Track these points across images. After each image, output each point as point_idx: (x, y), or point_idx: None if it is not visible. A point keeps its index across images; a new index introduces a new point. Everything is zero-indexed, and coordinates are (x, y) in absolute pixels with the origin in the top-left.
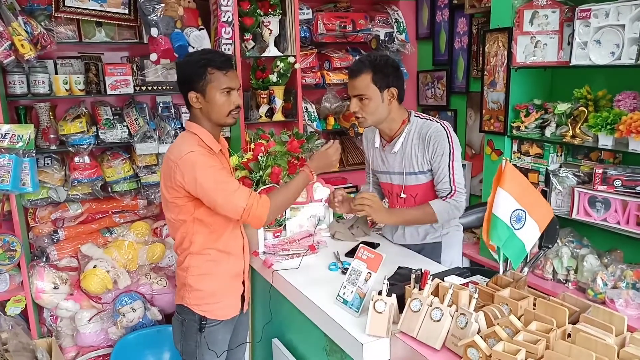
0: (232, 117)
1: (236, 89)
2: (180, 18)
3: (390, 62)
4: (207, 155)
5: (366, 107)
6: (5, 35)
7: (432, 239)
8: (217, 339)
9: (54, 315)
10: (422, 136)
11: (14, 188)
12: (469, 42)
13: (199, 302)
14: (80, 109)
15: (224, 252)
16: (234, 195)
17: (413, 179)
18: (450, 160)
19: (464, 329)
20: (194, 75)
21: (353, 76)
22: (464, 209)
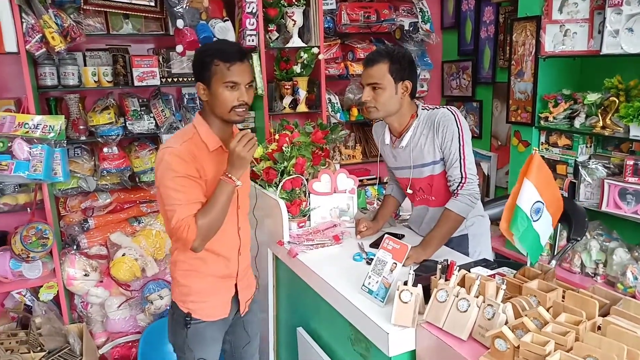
0: (236, 114)
1: (243, 84)
2: (205, 10)
3: (408, 56)
4: (180, 156)
5: (379, 96)
6: (37, 28)
7: (458, 232)
8: (205, 337)
9: (85, 302)
10: (430, 124)
11: (46, 177)
12: (496, 31)
13: (184, 298)
14: (109, 100)
15: (211, 252)
16: (175, 208)
17: (426, 170)
18: (461, 145)
19: (491, 320)
20: (201, 66)
21: (369, 64)
22: (479, 195)
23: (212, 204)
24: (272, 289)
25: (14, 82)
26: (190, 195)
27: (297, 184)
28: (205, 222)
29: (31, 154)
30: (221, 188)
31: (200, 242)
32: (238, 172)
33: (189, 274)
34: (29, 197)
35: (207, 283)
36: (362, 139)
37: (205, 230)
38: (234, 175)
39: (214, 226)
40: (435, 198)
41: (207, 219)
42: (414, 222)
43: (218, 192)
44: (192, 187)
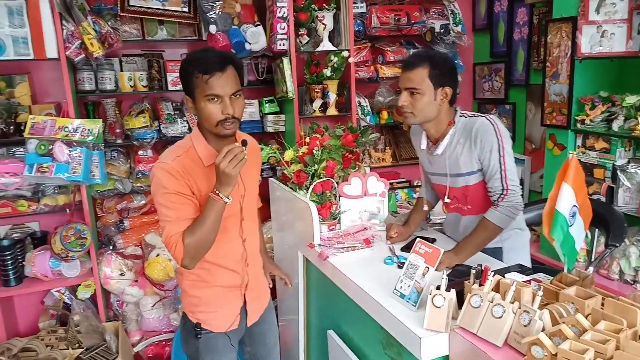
0: (223, 127)
1: (227, 96)
2: (237, 15)
3: (449, 62)
4: (171, 172)
5: (417, 102)
6: (76, 34)
7: (493, 244)
8: (217, 347)
9: (120, 301)
10: (467, 134)
11: (84, 179)
12: (530, 32)
13: (192, 308)
14: (144, 104)
15: (215, 264)
16: (165, 225)
17: (462, 180)
18: (501, 156)
19: (527, 327)
20: (184, 78)
21: (408, 68)
22: (522, 206)
23: (200, 222)
24: (302, 291)
25: (54, 87)
26: (180, 212)
27: (327, 187)
28: (193, 241)
29: (71, 157)
30: (210, 205)
31: (190, 261)
32: (226, 189)
33: (196, 284)
34: (68, 199)
35: (214, 293)
36: (391, 142)
37: (193, 248)
38: (222, 193)
39: (204, 244)
40: (470, 207)
41: (195, 237)
42: (448, 228)
43: (206, 210)
44: (183, 203)
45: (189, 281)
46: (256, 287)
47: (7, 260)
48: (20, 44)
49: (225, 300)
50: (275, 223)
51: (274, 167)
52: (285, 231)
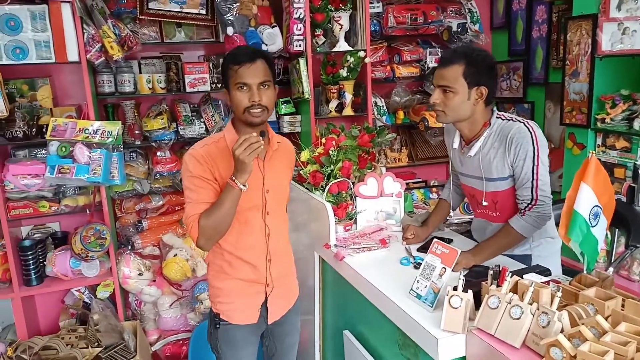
0: (249, 114)
1: (254, 85)
2: (254, 16)
3: (488, 60)
4: (198, 158)
5: (449, 100)
6: (97, 38)
7: (521, 251)
8: (235, 340)
9: (139, 300)
10: (502, 138)
11: (104, 180)
12: (549, 30)
13: (214, 299)
14: (162, 106)
15: (237, 256)
16: (187, 206)
17: (492, 185)
18: (535, 165)
19: (546, 328)
20: (223, 71)
21: (443, 65)
22: (550, 217)
23: (216, 206)
24: (318, 292)
25: (75, 89)
26: (200, 195)
27: (343, 187)
28: (208, 223)
29: (91, 158)
30: (226, 191)
31: (205, 242)
32: (242, 176)
33: (218, 276)
34: (88, 199)
35: (234, 285)
36: (408, 142)
37: (207, 230)
38: (238, 179)
39: (219, 227)
40: (499, 214)
41: (210, 220)
42: (476, 231)
43: (223, 195)
44: (203, 187)
45: (213, 272)
46: (281, 286)
47: (28, 260)
48: (43, 47)
49: (245, 293)
50: (291, 223)
51: None
52: (301, 231)
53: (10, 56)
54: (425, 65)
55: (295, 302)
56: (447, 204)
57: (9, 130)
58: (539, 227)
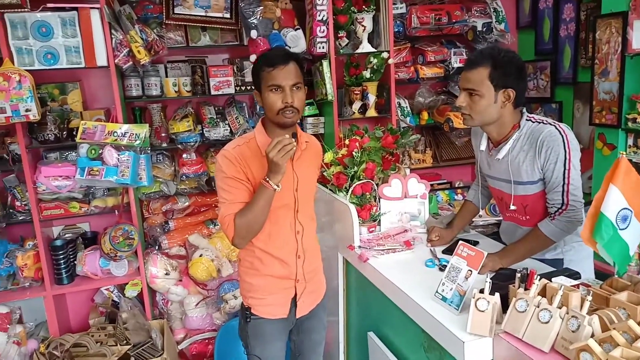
0: (283, 116)
1: (288, 87)
2: (277, 19)
3: (515, 61)
4: (229, 158)
5: (475, 104)
6: (125, 42)
7: (553, 255)
8: (264, 334)
9: (165, 299)
10: (533, 141)
11: (132, 182)
12: (577, 29)
13: (245, 293)
14: (187, 109)
15: (267, 253)
16: (221, 206)
17: (521, 189)
18: (566, 169)
19: (576, 333)
20: (255, 73)
21: (469, 67)
22: (581, 222)
23: (250, 206)
24: (342, 293)
25: (104, 93)
26: (234, 195)
27: (367, 188)
28: (243, 222)
29: (119, 160)
30: (260, 191)
31: (240, 240)
32: (275, 177)
33: (249, 272)
34: (117, 200)
35: (265, 281)
36: (432, 143)
37: (242, 229)
38: (272, 180)
39: (253, 227)
40: (529, 218)
41: (245, 219)
42: (505, 234)
43: (257, 195)
44: (237, 187)
45: (244, 268)
46: (310, 282)
47: (60, 260)
48: (73, 53)
49: (275, 289)
50: None
51: None
52: (325, 232)
53: (42, 61)
54: (450, 65)
55: (322, 298)
56: (473, 206)
57: (41, 133)
58: (569, 233)
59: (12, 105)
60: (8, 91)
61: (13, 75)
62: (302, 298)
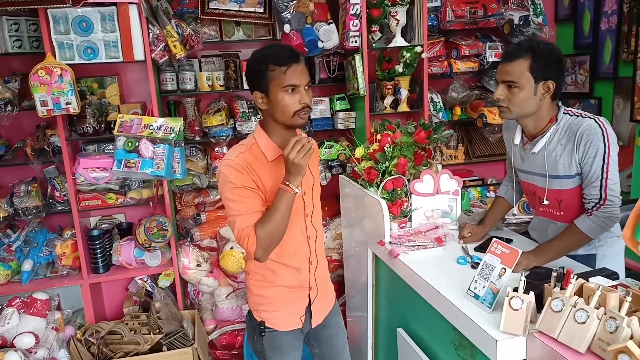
0: (299, 117)
1: (302, 86)
2: (311, 14)
3: (555, 53)
4: (236, 168)
5: (514, 96)
6: (161, 37)
7: (585, 251)
8: (281, 345)
9: (197, 290)
10: (571, 135)
11: (167, 174)
12: (619, 22)
13: (257, 307)
14: (220, 103)
15: (280, 262)
16: (235, 219)
17: (557, 183)
18: (605, 163)
19: (614, 334)
20: (257, 74)
21: (507, 59)
22: (619, 218)
23: (271, 213)
24: (371, 288)
25: (140, 87)
26: (248, 205)
27: (398, 184)
28: (265, 232)
29: (155, 153)
30: (280, 196)
31: (263, 252)
32: (296, 180)
33: (260, 284)
34: (151, 192)
35: (278, 293)
36: (464, 138)
37: (265, 240)
38: (292, 183)
39: (275, 235)
40: (564, 213)
41: (266, 229)
42: (535, 231)
43: (277, 201)
44: (250, 197)
45: (254, 281)
46: (321, 288)
47: (96, 249)
48: (111, 47)
49: (289, 300)
50: (345, 219)
51: (344, 164)
52: (355, 228)
53: (82, 56)
54: (485, 59)
55: (334, 303)
56: (505, 202)
57: (80, 126)
58: (606, 229)
59: (53, 98)
60: (50, 85)
61: (55, 69)
62: (315, 305)
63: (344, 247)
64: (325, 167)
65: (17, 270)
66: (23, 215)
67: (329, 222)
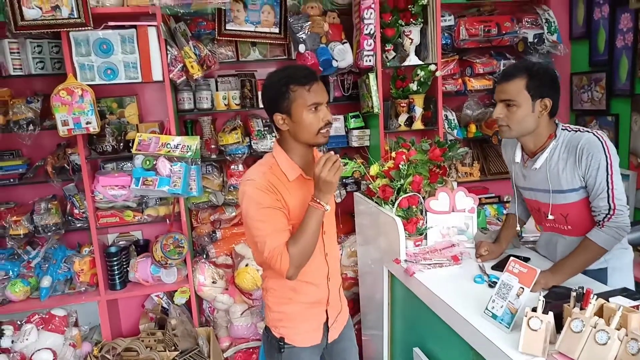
0: (322, 135)
1: (324, 104)
2: (325, 34)
3: (550, 72)
4: (262, 189)
5: (513, 114)
6: (179, 58)
7: (596, 265)
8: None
9: (212, 307)
10: (571, 149)
11: (183, 192)
12: (634, 39)
13: (276, 324)
14: (236, 121)
15: (300, 280)
16: (265, 240)
17: (561, 197)
18: (609, 174)
19: (636, 356)
20: (277, 96)
21: (505, 79)
22: (629, 227)
23: (302, 230)
24: (387, 307)
25: (158, 106)
26: (277, 224)
27: (413, 202)
28: (298, 250)
29: (172, 171)
30: (310, 214)
31: (295, 270)
32: (326, 197)
33: (280, 302)
34: (168, 210)
35: (298, 310)
36: (480, 156)
37: (298, 257)
38: (322, 200)
39: (307, 253)
40: (571, 228)
41: (299, 246)
42: (543, 248)
43: (307, 218)
44: (278, 216)
45: (273, 298)
46: (338, 303)
47: (114, 266)
48: (131, 68)
49: (308, 316)
50: (360, 237)
51: (359, 182)
52: (370, 245)
53: (102, 77)
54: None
55: (347, 318)
56: (516, 218)
57: (100, 144)
58: (619, 239)
59: (74, 118)
60: (71, 105)
61: (76, 90)
62: (332, 321)
63: (359, 265)
64: (340, 185)
65: (36, 286)
66: (42, 232)
67: (344, 240)
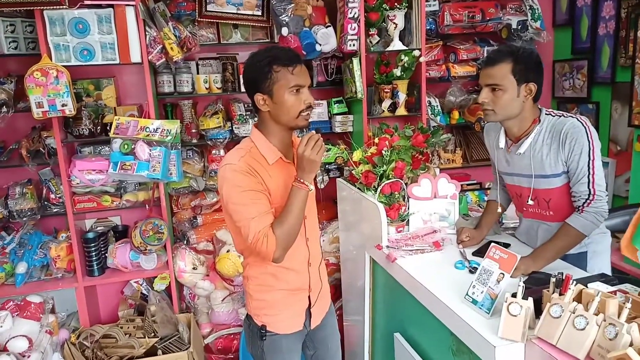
0: (303, 118)
1: (306, 86)
2: (309, 17)
3: (534, 56)
4: (242, 172)
5: (498, 99)
6: (158, 39)
7: (577, 250)
8: (281, 349)
9: (192, 294)
10: (555, 134)
11: (163, 177)
12: (617, 27)
13: (258, 312)
14: (218, 105)
15: (283, 267)
16: (249, 223)
17: (544, 182)
18: (590, 159)
19: (613, 341)
20: (259, 76)
21: (490, 64)
22: (607, 213)
23: (286, 211)
24: (368, 293)
25: (137, 89)
26: (260, 207)
27: (396, 188)
28: (283, 231)
29: (151, 156)
30: (294, 194)
31: (282, 252)
32: (309, 177)
33: (261, 289)
34: (147, 195)
35: (279, 297)
36: (462, 142)
37: (284, 239)
38: (306, 180)
39: (293, 234)
40: (553, 213)
41: (285, 227)
42: (524, 234)
43: (292, 199)
44: (261, 199)
45: (254, 285)
46: (319, 288)
47: (91, 252)
48: (108, 49)
49: (290, 303)
50: (342, 223)
51: (341, 167)
52: (352, 231)
53: (78, 57)
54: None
55: (330, 304)
56: (497, 205)
57: (76, 128)
58: (598, 225)
59: (49, 100)
60: (46, 86)
61: (51, 70)
62: (314, 307)
63: (341, 251)
64: (322, 170)
65: (11, 272)
66: (18, 218)
67: (326, 226)
